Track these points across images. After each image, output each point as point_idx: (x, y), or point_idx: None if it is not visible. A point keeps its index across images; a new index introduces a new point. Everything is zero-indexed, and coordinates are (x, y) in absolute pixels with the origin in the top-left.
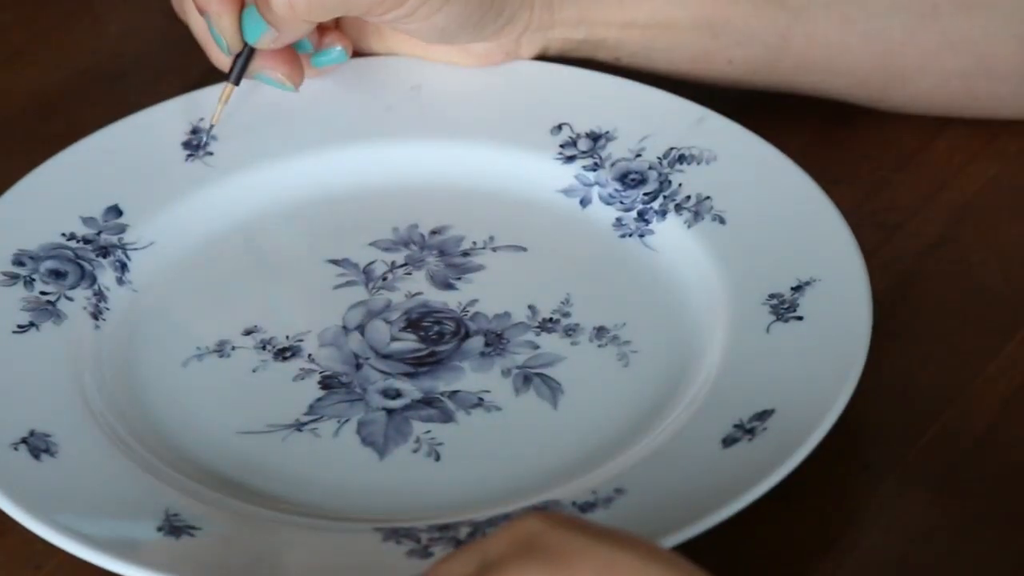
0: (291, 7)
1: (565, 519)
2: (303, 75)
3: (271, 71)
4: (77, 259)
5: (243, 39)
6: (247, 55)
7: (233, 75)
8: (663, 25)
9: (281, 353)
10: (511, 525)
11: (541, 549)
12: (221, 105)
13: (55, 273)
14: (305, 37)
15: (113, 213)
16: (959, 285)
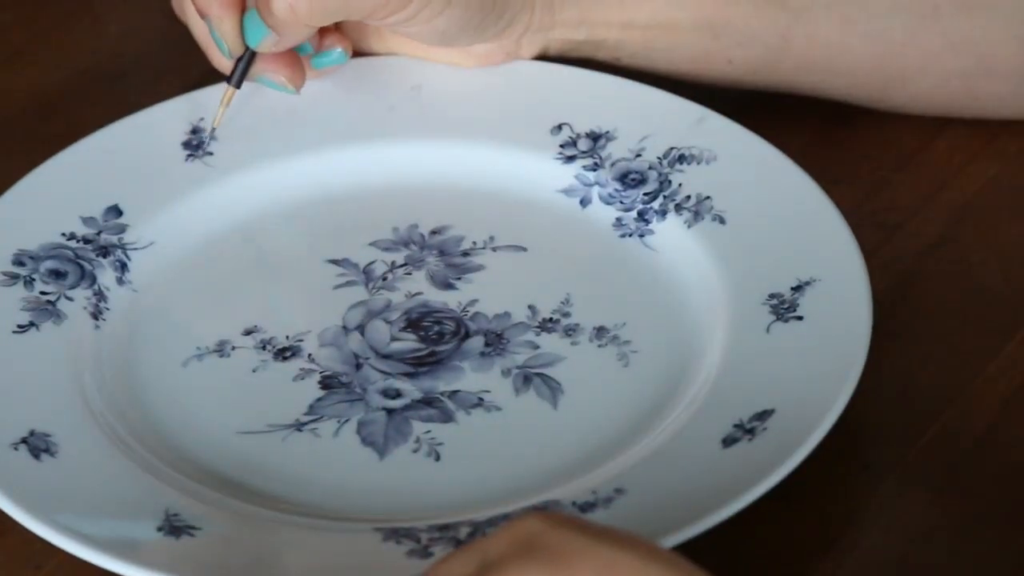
0: (292, 11)
1: (565, 519)
2: (304, 77)
3: (273, 74)
4: (77, 259)
5: (244, 43)
6: (248, 58)
7: (234, 78)
8: (663, 26)
9: (281, 353)
10: (511, 525)
11: (541, 549)
12: (222, 108)
13: (55, 273)
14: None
15: (113, 213)
16: (959, 285)
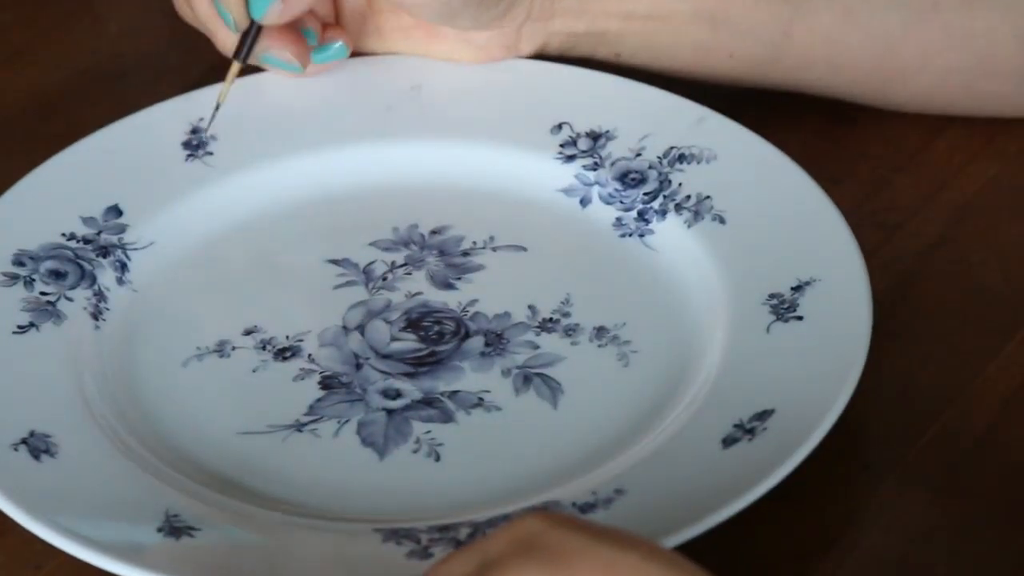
0: None
1: (565, 519)
2: (310, 57)
3: (279, 51)
4: (77, 259)
5: (249, 15)
6: (254, 33)
7: (241, 53)
8: (664, 17)
9: (281, 353)
10: (511, 525)
11: (541, 549)
12: (228, 84)
13: (55, 273)
14: (310, 27)
15: (113, 213)
16: (959, 285)
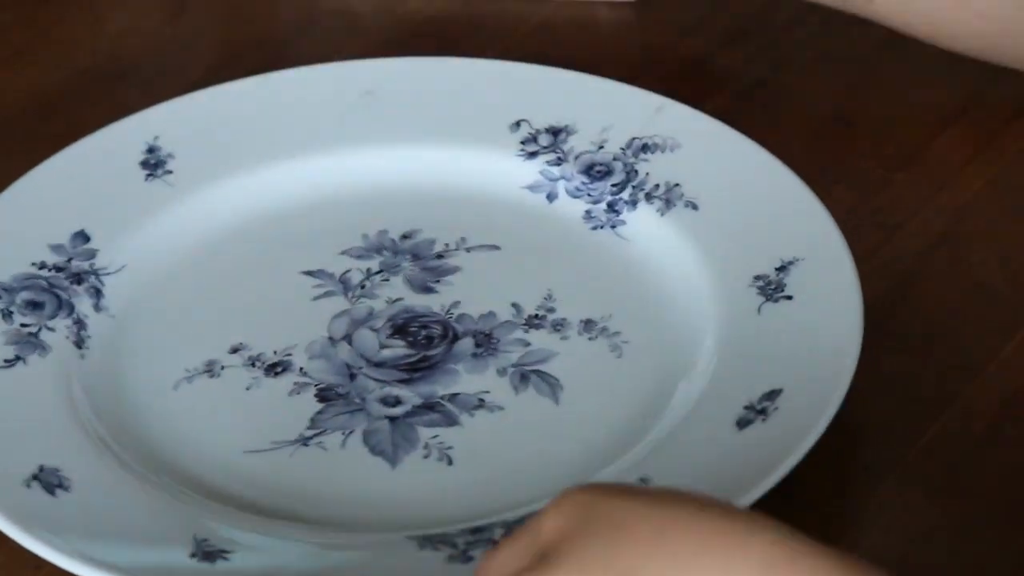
0: None
1: (610, 488)
2: None
3: None
4: (52, 288)
5: None
6: None
7: None
8: None
9: (272, 369)
10: (557, 504)
11: (596, 521)
12: None
13: (32, 304)
14: None
15: (80, 239)
16: (959, 285)
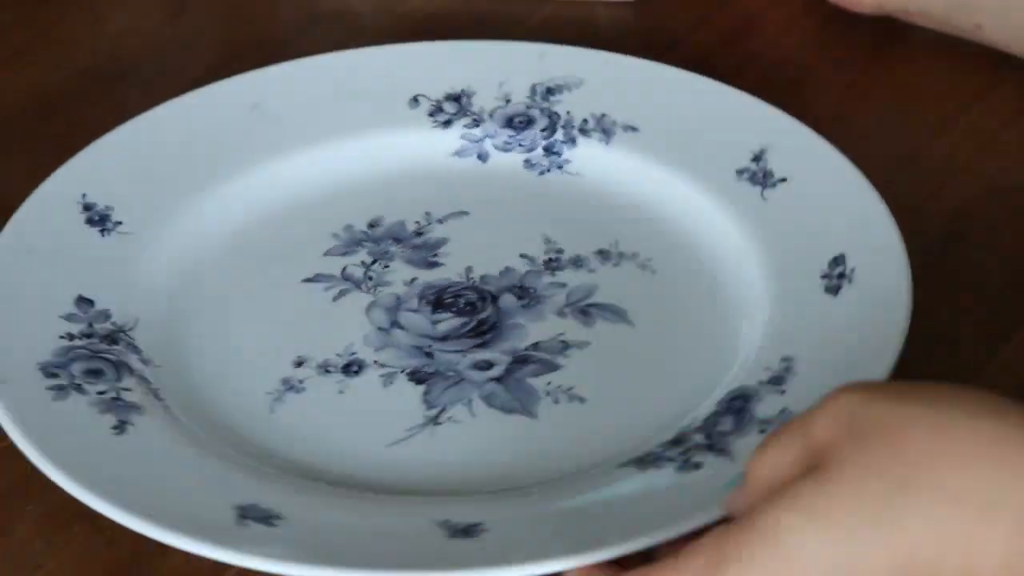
0: None
1: (880, 388)
2: None
3: None
4: (97, 355)
5: None
6: None
7: None
8: None
9: (348, 369)
10: (826, 407)
11: (869, 426)
12: None
13: (92, 372)
14: None
15: (87, 304)
16: (959, 285)
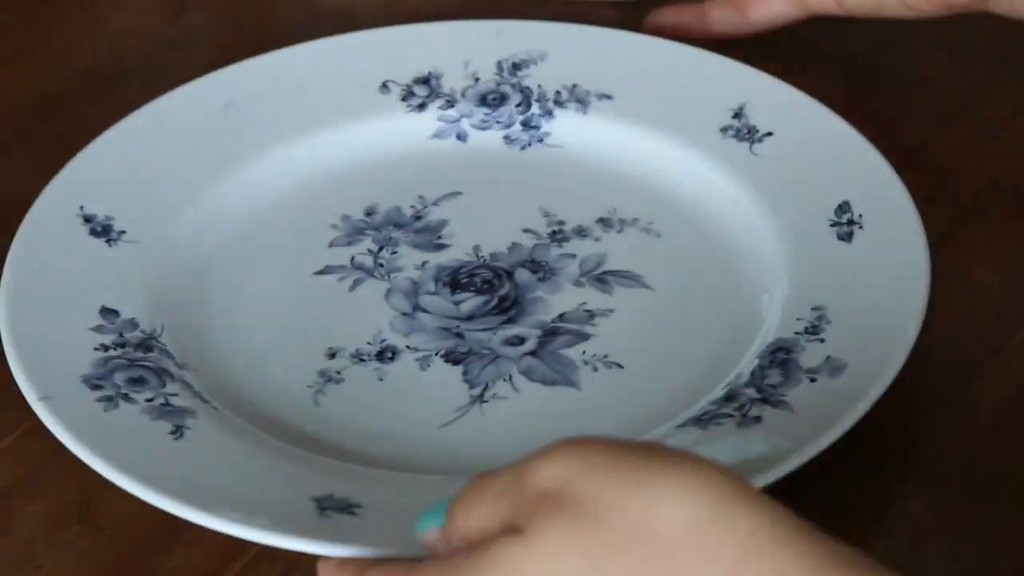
0: None
1: (598, 452)
2: None
3: None
4: (135, 363)
5: None
6: None
7: None
8: None
9: (382, 356)
10: (545, 460)
11: (571, 501)
12: None
13: (135, 381)
14: None
15: (112, 314)
16: (959, 284)
